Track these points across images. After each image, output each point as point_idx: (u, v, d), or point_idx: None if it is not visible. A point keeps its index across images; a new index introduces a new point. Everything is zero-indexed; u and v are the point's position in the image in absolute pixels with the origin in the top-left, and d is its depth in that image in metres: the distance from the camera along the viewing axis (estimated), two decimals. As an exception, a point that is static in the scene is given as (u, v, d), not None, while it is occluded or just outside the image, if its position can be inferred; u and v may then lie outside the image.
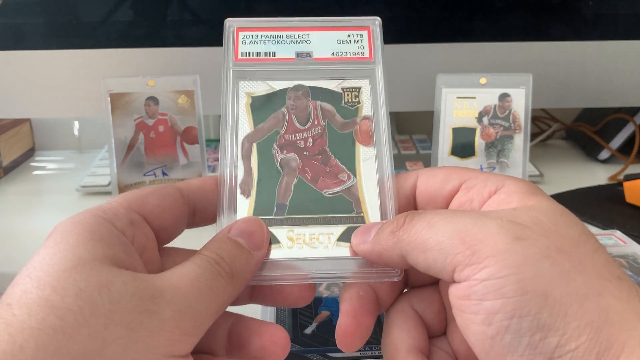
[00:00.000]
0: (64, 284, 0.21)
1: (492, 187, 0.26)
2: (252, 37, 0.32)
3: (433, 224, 0.24)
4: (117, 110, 0.49)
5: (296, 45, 0.32)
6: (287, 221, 0.28)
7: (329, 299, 0.38)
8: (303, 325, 0.35)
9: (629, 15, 0.59)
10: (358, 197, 0.28)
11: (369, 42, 0.32)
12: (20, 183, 0.65)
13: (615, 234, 0.47)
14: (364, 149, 0.30)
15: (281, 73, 0.31)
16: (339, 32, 0.33)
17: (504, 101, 0.51)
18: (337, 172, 0.29)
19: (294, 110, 0.30)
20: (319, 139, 0.30)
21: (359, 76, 0.31)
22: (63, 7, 0.56)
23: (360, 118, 0.30)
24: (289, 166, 0.29)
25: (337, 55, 0.32)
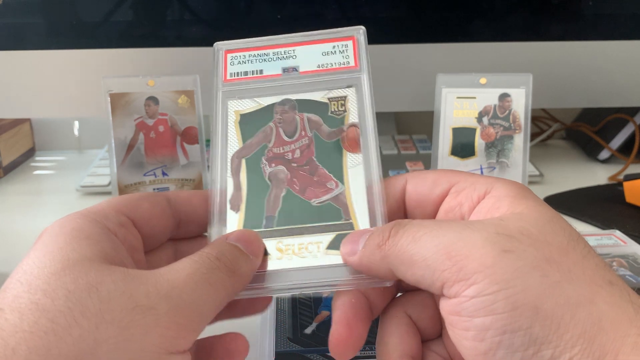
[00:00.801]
0: (54, 287, 0.22)
1: (481, 190, 0.26)
2: (239, 58, 0.33)
3: (418, 239, 0.23)
4: (117, 110, 0.49)
5: (282, 61, 0.33)
6: (276, 233, 0.28)
7: (329, 299, 0.38)
8: (303, 325, 0.35)
9: (629, 15, 0.59)
10: (346, 204, 0.29)
11: (354, 52, 0.33)
12: (20, 183, 0.65)
13: (615, 234, 0.47)
14: (351, 156, 0.30)
15: (268, 89, 0.32)
16: (324, 44, 0.33)
17: (504, 101, 0.51)
18: (324, 181, 0.29)
19: (281, 124, 0.31)
20: (306, 149, 0.30)
21: (344, 85, 0.32)
22: (63, 7, 0.56)
23: (347, 126, 0.30)
24: (277, 178, 0.29)
25: (322, 67, 0.32)
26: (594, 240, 0.46)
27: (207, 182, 0.52)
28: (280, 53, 0.33)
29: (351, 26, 0.33)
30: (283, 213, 0.28)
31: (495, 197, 0.25)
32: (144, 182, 0.50)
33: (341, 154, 0.30)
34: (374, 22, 0.58)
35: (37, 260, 0.23)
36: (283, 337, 0.34)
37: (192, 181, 0.51)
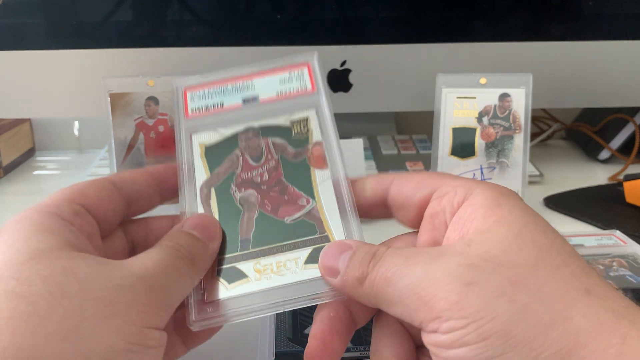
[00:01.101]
0: (27, 275, 0.22)
1: (461, 196, 0.26)
2: (199, 94, 0.34)
3: (390, 281, 0.23)
4: (117, 110, 0.49)
5: (242, 92, 0.34)
6: (253, 254, 0.28)
7: (329, 299, 0.38)
8: (303, 325, 0.35)
9: (629, 15, 0.59)
10: (319, 218, 0.29)
11: (310, 77, 0.34)
12: (20, 183, 0.65)
13: (615, 234, 0.47)
14: (319, 172, 0.31)
15: (230, 120, 0.33)
16: (281, 74, 0.34)
17: (504, 101, 0.51)
18: (296, 199, 0.30)
19: (247, 151, 0.32)
20: (274, 171, 0.31)
21: (305, 107, 0.33)
22: (63, 7, 0.56)
23: (311, 145, 0.32)
24: (248, 202, 0.30)
25: (281, 94, 0.33)
26: (594, 240, 0.46)
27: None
28: (239, 85, 0.34)
29: (305, 52, 0.35)
30: (257, 234, 0.29)
31: (472, 206, 0.25)
32: (144, 182, 0.50)
33: (309, 172, 0.31)
34: (374, 22, 0.58)
35: (1, 254, 0.23)
36: (283, 337, 0.34)
37: (192, 181, 0.51)
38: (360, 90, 0.61)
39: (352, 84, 0.61)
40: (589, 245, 0.46)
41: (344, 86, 0.61)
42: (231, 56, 0.58)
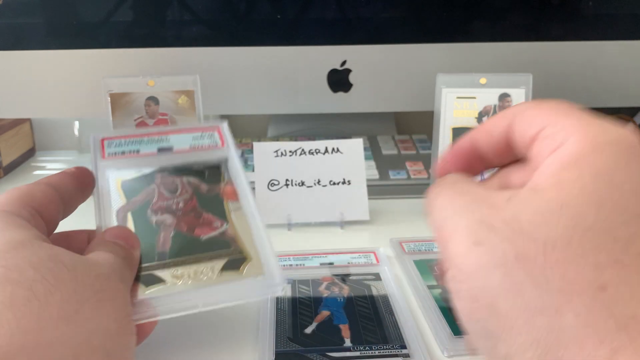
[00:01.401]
0: (15, 262, 0.23)
1: (557, 141, 0.22)
2: (116, 142, 0.37)
3: (437, 209, 0.24)
4: (118, 111, 0.49)
5: (157, 143, 0.37)
6: (170, 264, 0.30)
7: (329, 299, 0.38)
8: (303, 325, 0.35)
9: (629, 16, 0.59)
10: (233, 235, 0.32)
11: (220, 137, 0.39)
12: (20, 183, 0.64)
13: None
14: (232, 203, 0.34)
15: (146, 163, 0.36)
16: (194, 133, 0.38)
17: (504, 101, 0.51)
18: (210, 222, 0.33)
19: (162, 186, 0.35)
20: (189, 201, 0.34)
21: (215, 158, 0.37)
22: (63, 7, 0.56)
23: (223, 183, 0.36)
24: (164, 223, 0.33)
25: (194, 147, 0.38)
26: None
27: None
28: (154, 138, 0.38)
29: (213, 122, 0.40)
30: (174, 249, 0.31)
31: (553, 158, 0.22)
32: (144, 182, 0.50)
33: (222, 203, 0.34)
34: (374, 22, 0.58)
35: None
36: (283, 336, 0.34)
37: (192, 181, 0.51)
38: (360, 90, 0.61)
39: (352, 84, 0.61)
40: None
41: (344, 86, 0.61)
42: (231, 56, 0.59)
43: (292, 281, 0.40)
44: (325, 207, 0.51)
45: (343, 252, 0.44)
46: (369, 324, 0.35)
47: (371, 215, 0.51)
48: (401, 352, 0.32)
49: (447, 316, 0.36)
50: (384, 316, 0.36)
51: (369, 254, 0.44)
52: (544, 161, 0.22)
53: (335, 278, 0.41)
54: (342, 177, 0.51)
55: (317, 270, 0.42)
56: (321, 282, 0.40)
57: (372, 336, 0.34)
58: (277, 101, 0.61)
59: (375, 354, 0.32)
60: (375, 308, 0.37)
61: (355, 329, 0.34)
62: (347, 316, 0.36)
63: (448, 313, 0.36)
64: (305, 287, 0.39)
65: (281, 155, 0.51)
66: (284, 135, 0.73)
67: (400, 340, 0.33)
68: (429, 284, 0.40)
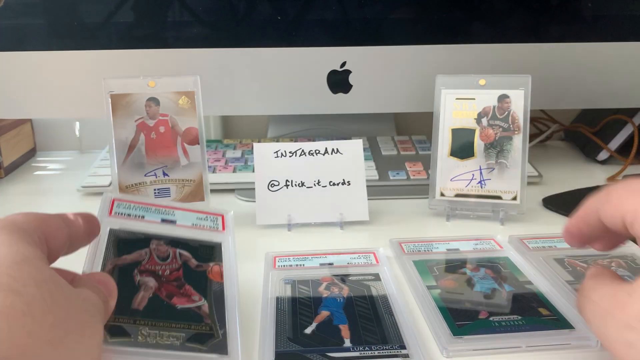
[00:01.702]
0: (21, 275, 0.23)
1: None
2: (125, 205, 0.39)
3: (580, 309, 0.32)
4: (118, 111, 0.49)
5: (163, 214, 0.39)
6: (141, 322, 0.31)
7: (329, 299, 0.38)
8: (303, 325, 0.35)
9: (628, 17, 0.59)
10: (207, 312, 0.33)
11: (223, 223, 0.41)
12: (21, 183, 0.65)
13: None
14: (215, 283, 0.36)
15: (147, 228, 0.38)
16: (199, 214, 0.41)
17: (503, 102, 0.51)
18: (190, 295, 0.34)
19: (155, 252, 0.36)
20: (175, 271, 0.36)
21: (213, 239, 0.39)
22: (64, 8, 0.56)
23: (213, 263, 0.37)
24: (146, 285, 0.34)
25: (196, 225, 0.40)
26: None
27: (207, 183, 0.52)
28: (161, 210, 0.40)
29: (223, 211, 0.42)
30: (148, 310, 0.32)
31: None
32: (145, 183, 0.50)
33: (206, 280, 0.36)
34: (374, 24, 0.59)
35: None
36: (283, 337, 0.34)
37: (192, 182, 0.51)
38: (360, 91, 0.61)
39: (352, 85, 0.61)
40: None
41: (344, 87, 0.61)
42: (231, 57, 0.59)
43: (292, 281, 0.40)
44: (325, 207, 0.51)
45: (343, 253, 0.45)
46: (369, 325, 0.35)
47: (371, 215, 0.52)
48: (400, 353, 0.32)
49: (446, 316, 0.36)
50: (383, 316, 0.36)
51: (368, 254, 0.44)
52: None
53: (334, 278, 0.41)
54: (342, 178, 0.51)
55: (316, 270, 0.42)
56: (321, 282, 0.40)
57: (371, 336, 0.34)
58: (277, 102, 0.61)
59: (374, 354, 0.32)
60: (374, 308, 0.37)
61: (355, 329, 0.35)
62: (346, 316, 0.36)
63: (447, 313, 0.36)
64: (305, 287, 0.40)
65: (281, 156, 0.51)
66: (284, 136, 0.73)
67: (400, 341, 0.34)
68: (429, 284, 0.40)
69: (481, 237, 0.47)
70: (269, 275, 0.41)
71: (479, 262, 0.43)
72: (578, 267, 0.42)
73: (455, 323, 0.35)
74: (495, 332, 0.34)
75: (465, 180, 0.52)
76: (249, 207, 0.56)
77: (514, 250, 0.45)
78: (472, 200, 0.52)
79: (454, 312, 0.36)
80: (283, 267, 0.43)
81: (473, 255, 0.45)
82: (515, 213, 0.51)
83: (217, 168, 0.62)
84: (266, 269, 0.42)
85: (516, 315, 0.36)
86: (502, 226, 0.51)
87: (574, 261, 0.43)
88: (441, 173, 0.52)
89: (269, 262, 0.43)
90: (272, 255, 0.44)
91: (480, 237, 0.47)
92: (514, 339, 0.34)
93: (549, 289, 0.39)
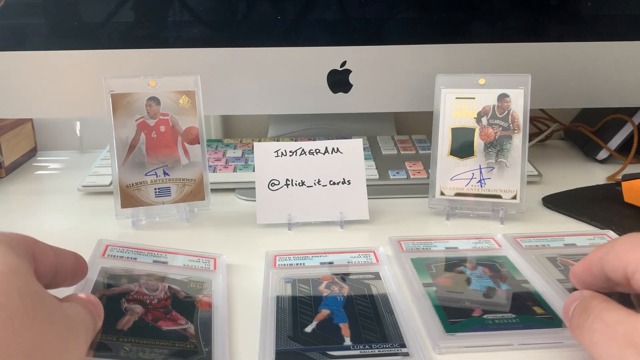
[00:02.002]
0: (5, 287, 0.23)
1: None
2: (117, 249, 0.42)
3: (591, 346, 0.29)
4: (119, 111, 0.49)
5: (155, 257, 0.42)
6: (125, 340, 0.32)
7: (329, 298, 0.38)
8: (303, 324, 0.35)
9: (627, 16, 0.59)
10: (193, 333, 0.34)
11: (215, 264, 0.43)
12: (22, 183, 0.65)
13: (608, 234, 0.48)
14: (203, 311, 0.37)
15: (138, 267, 0.40)
16: (191, 256, 0.43)
17: (502, 101, 0.51)
18: (176, 319, 0.35)
19: (144, 285, 0.38)
20: (163, 300, 0.37)
21: (204, 276, 0.41)
22: (65, 8, 0.56)
23: (202, 295, 0.38)
24: (133, 311, 0.35)
25: (187, 266, 0.42)
26: (587, 240, 0.47)
27: (207, 182, 0.52)
28: (153, 253, 0.43)
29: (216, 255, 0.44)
30: (133, 330, 0.33)
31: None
32: (146, 182, 0.51)
33: (194, 309, 0.37)
34: (374, 23, 0.59)
35: None
36: (283, 335, 0.34)
37: (192, 181, 0.52)
38: (360, 90, 0.61)
39: (352, 84, 0.61)
40: (581, 244, 0.46)
41: (344, 87, 0.61)
42: (232, 57, 0.59)
43: (293, 280, 0.41)
44: (325, 207, 0.51)
45: (343, 252, 0.45)
46: (369, 323, 0.35)
47: (371, 215, 0.52)
48: (401, 351, 0.33)
49: (440, 314, 0.36)
50: (383, 315, 0.36)
51: (368, 253, 0.45)
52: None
53: (335, 277, 0.41)
54: (342, 177, 0.51)
55: (317, 269, 0.42)
56: (321, 281, 0.40)
57: (371, 335, 0.34)
58: (277, 101, 0.61)
59: (375, 352, 0.32)
60: (374, 307, 0.37)
61: (355, 328, 0.35)
62: (347, 315, 0.36)
63: (442, 311, 0.36)
64: (306, 286, 0.40)
65: (281, 155, 0.51)
66: (285, 135, 0.74)
67: (400, 339, 0.34)
68: (425, 282, 0.40)
69: (481, 235, 0.48)
70: (269, 274, 0.41)
71: (477, 261, 0.43)
72: (570, 266, 0.42)
73: (449, 320, 0.35)
74: (488, 330, 0.34)
75: (465, 179, 0.52)
76: (249, 206, 0.56)
77: (513, 249, 0.45)
78: (472, 200, 0.52)
79: (449, 309, 0.37)
80: (283, 266, 0.43)
81: (472, 253, 0.45)
82: (515, 212, 0.51)
83: (217, 167, 0.62)
84: (266, 268, 0.42)
85: (510, 314, 0.36)
86: (502, 225, 0.51)
87: (567, 260, 0.43)
88: (441, 172, 0.52)
89: (270, 261, 0.43)
90: (272, 254, 0.44)
91: (480, 236, 0.47)
92: (506, 336, 0.34)
93: (544, 288, 0.39)
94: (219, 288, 0.40)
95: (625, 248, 0.29)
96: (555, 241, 0.46)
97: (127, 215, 0.51)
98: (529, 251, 0.45)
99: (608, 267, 0.30)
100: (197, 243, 0.49)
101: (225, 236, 0.50)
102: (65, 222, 0.53)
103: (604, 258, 0.31)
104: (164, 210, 0.52)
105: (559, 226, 0.51)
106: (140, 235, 0.50)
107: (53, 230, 0.52)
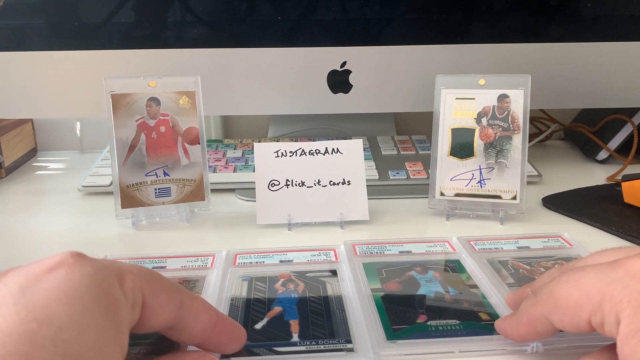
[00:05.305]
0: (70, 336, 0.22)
1: (611, 325, 0.26)
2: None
3: None
4: (119, 111, 0.49)
5: (153, 263, 0.43)
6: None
7: (283, 295, 0.38)
8: (254, 321, 0.35)
9: (627, 17, 0.59)
10: None
11: (212, 261, 0.43)
12: (22, 183, 0.65)
13: (562, 236, 0.48)
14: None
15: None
16: (189, 257, 0.44)
17: (502, 102, 0.51)
18: None
19: None
20: None
21: (199, 275, 0.41)
22: (65, 8, 0.57)
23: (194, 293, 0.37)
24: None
25: (185, 267, 0.43)
26: (540, 243, 0.46)
27: (207, 182, 0.52)
28: (153, 260, 0.43)
29: None
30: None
31: (621, 344, 0.25)
32: (146, 182, 0.51)
33: None
34: (374, 24, 0.59)
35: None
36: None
37: (193, 181, 0.52)
38: (360, 91, 0.61)
39: (352, 84, 0.61)
40: (535, 247, 0.46)
41: (344, 87, 0.61)
42: (232, 57, 0.59)
43: (250, 278, 0.40)
44: (326, 207, 0.51)
45: (304, 250, 0.45)
46: (319, 320, 0.35)
47: (371, 215, 0.52)
48: (346, 347, 0.32)
49: (384, 320, 0.35)
50: (334, 312, 0.36)
51: (329, 251, 0.45)
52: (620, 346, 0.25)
53: (292, 275, 0.41)
54: (342, 178, 0.51)
55: (276, 267, 0.42)
56: (278, 279, 0.41)
57: (320, 331, 0.34)
58: (277, 102, 0.61)
59: (320, 348, 0.32)
60: (327, 304, 0.37)
61: (305, 324, 0.35)
62: (298, 312, 0.36)
63: (386, 317, 0.36)
64: (262, 284, 0.40)
65: (281, 156, 0.51)
66: (285, 135, 0.74)
67: (347, 335, 0.33)
68: (374, 287, 0.39)
69: (436, 239, 0.47)
70: (227, 273, 0.41)
71: (429, 265, 0.43)
72: (521, 270, 0.42)
73: (392, 327, 0.35)
74: (430, 337, 0.34)
75: (465, 179, 0.52)
76: (250, 206, 0.56)
77: (466, 252, 0.44)
78: (472, 200, 0.52)
79: (394, 316, 0.36)
80: (243, 264, 0.43)
81: (424, 257, 0.44)
82: (514, 212, 0.51)
83: (217, 168, 0.63)
84: (225, 266, 0.42)
85: (455, 320, 0.35)
86: (501, 226, 0.51)
87: (518, 263, 0.43)
88: (441, 172, 0.52)
89: (230, 260, 0.43)
90: (233, 253, 0.44)
91: (435, 240, 0.47)
92: (448, 343, 0.33)
93: (493, 292, 0.39)
94: (211, 284, 0.40)
95: (574, 297, 0.27)
96: (508, 244, 0.46)
97: (127, 216, 0.51)
98: (481, 254, 0.44)
99: (563, 325, 0.28)
100: (197, 243, 0.49)
101: (225, 236, 0.50)
102: (65, 223, 0.53)
103: (550, 316, 0.28)
104: (164, 211, 0.52)
105: (558, 226, 0.51)
106: (140, 235, 0.50)
107: (53, 231, 0.52)
